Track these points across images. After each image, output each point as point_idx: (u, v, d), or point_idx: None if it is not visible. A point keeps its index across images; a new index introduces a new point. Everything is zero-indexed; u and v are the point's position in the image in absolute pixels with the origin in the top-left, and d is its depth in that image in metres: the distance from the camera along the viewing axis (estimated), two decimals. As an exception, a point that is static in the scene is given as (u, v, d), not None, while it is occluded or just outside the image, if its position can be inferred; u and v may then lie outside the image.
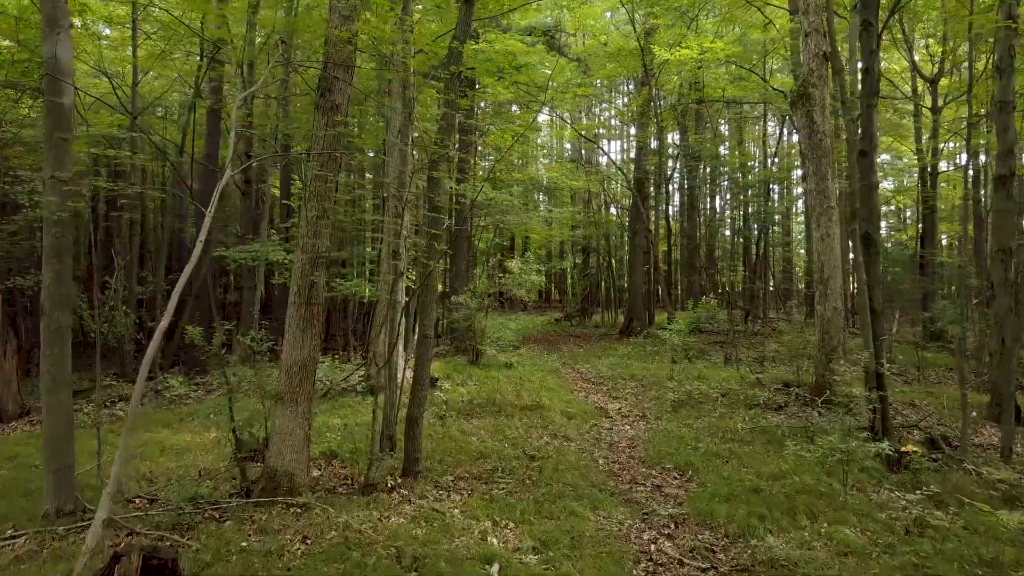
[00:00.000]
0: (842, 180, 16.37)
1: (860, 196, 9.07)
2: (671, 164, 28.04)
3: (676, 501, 6.92)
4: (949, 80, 21.06)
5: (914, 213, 29.05)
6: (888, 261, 19.88)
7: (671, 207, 32.11)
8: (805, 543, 5.71)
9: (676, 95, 24.57)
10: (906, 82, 22.94)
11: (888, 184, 29.24)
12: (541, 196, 32.06)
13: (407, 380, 7.94)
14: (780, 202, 29.49)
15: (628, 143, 35.70)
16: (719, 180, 31.03)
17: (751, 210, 25.27)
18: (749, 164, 28.94)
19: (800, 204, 33.39)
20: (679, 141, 26.86)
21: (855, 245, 9.25)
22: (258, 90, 15.45)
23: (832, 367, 10.47)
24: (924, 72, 21.22)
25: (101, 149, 16.33)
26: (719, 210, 34.07)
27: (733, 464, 7.90)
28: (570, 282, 34.28)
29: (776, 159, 27.25)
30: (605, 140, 34.72)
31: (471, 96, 18.49)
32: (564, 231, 29.02)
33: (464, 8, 7.53)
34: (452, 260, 19.77)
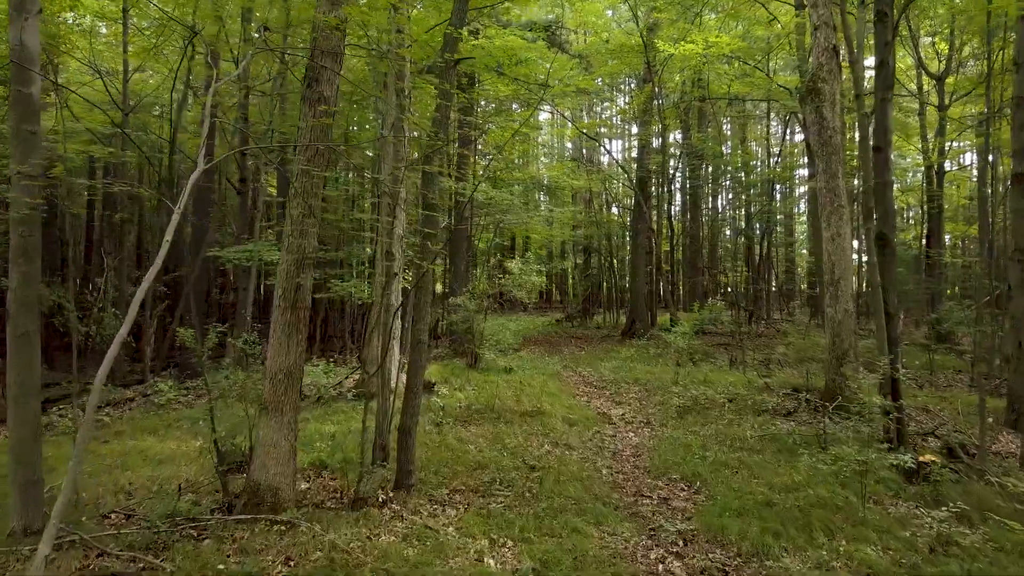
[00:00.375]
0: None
1: (875, 194, 8.71)
2: (673, 163, 27.69)
3: (684, 515, 6.55)
4: (955, 78, 20.71)
5: (916, 213, 28.67)
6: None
7: (673, 207, 31.75)
8: (824, 563, 5.36)
9: (679, 93, 24.23)
10: (911, 80, 22.57)
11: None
12: (542, 196, 31.69)
13: (402, 385, 7.58)
14: (783, 202, 29.11)
15: (629, 142, 35.38)
16: (721, 179, 30.66)
17: (754, 210, 24.87)
18: (752, 164, 28.55)
19: (803, 204, 33.09)
20: (681, 140, 26.48)
21: (868, 245, 8.88)
22: (242, 83, 15.03)
23: (843, 371, 10.10)
24: (930, 69, 20.84)
25: (90, 146, 15.95)
26: (721, 210, 33.74)
27: (743, 475, 7.54)
28: (571, 282, 33.89)
29: (779, 158, 26.85)
30: (607, 139, 34.38)
31: (471, 93, 18.14)
32: (565, 231, 28.66)
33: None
34: (451, 260, 19.41)
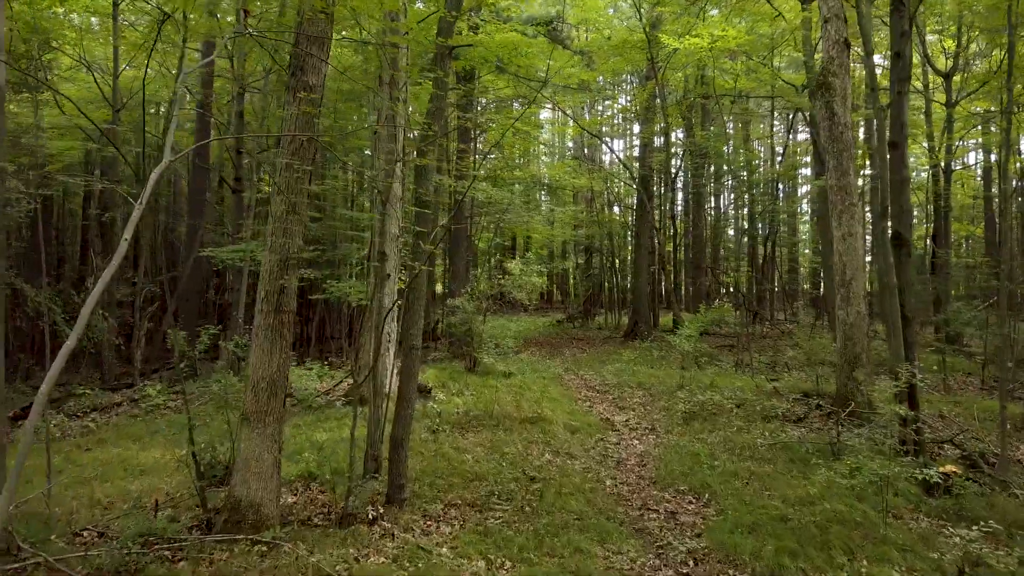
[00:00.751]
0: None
1: (891, 192, 8.33)
2: (676, 163, 27.29)
3: (694, 531, 6.18)
4: (961, 76, 20.31)
5: (920, 212, 28.21)
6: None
7: (676, 206, 31.36)
8: (846, 587, 4.98)
9: (682, 90, 23.84)
10: (918, 78, 22.15)
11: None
12: (543, 195, 31.31)
13: (396, 391, 7.18)
14: (786, 201, 28.70)
15: (631, 142, 34.99)
16: (724, 179, 30.25)
17: (758, 209, 24.45)
18: (755, 163, 28.13)
19: (805, 204, 32.66)
20: (684, 138, 26.08)
21: (882, 245, 8.50)
22: (237, 79, 14.66)
23: (856, 376, 9.73)
24: (938, 66, 20.45)
25: (89, 143, 15.61)
26: (723, 209, 33.35)
27: (754, 487, 7.16)
28: (572, 283, 33.44)
29: (782, 157, 26.43)
30: (608, 138, 34.00)
31: (470, 89, 17.74)
32: (566, 231, 28.26)
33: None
34: (451, 260, 19.03)
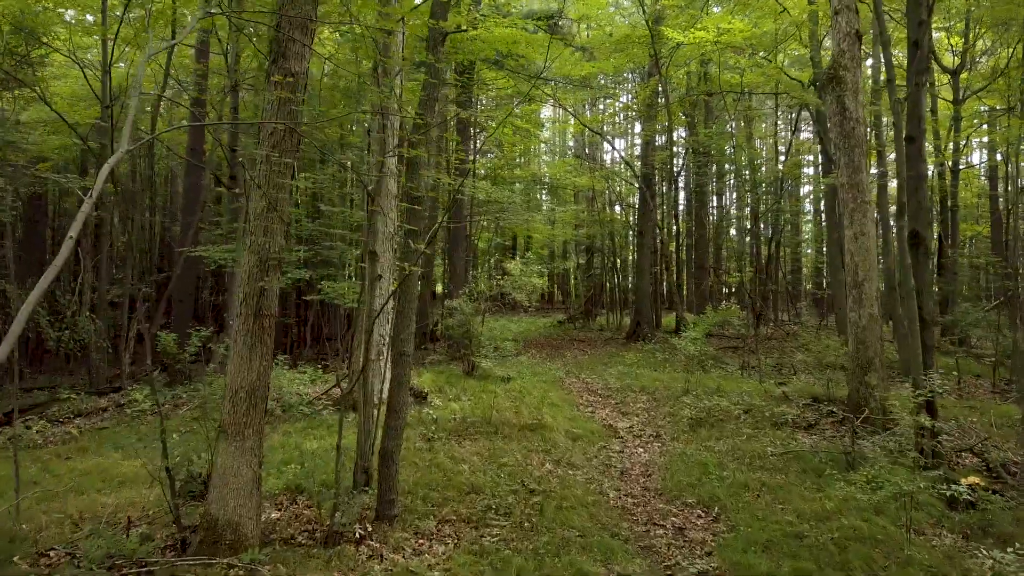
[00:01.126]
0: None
1: (907, 188, 7.95)
2: (678, 161, 26.88)
3: (704, 550, 5.79)
4: (968, 74, 19.94)
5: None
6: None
7: (679, 205, 30.96)
8: (871, 615, 4.60)
9: (685, 88, 23.46)
10: (924, 74, 21.79)
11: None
12: (544, 195, 30.93)
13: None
14: (790, 200, 28.31)
15: (632, 140, 34.59)
16: (727, 177, 29.88)
17: (761, 208, 24.06)
18: (758, 162, 27.74)
19: (807, 203, 32.27)
20: (687, 136, 25.69)
21: (900, 244, 8.14)
22: (231, 75, 14.29)
23: (868, 381, 9.35)
24: (944, 63, 20.06)
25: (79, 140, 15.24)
26: (726, 208, 32.97)
27: (766, 499, 6.78)
28: (573, 283, 33.05)
29: (785, 156, 26.00)
30: (610, 137, 33.59)
31: (467, 81, 17.34)
32: (567, 230, 27.87)
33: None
34: (450, 260, 18.66)
